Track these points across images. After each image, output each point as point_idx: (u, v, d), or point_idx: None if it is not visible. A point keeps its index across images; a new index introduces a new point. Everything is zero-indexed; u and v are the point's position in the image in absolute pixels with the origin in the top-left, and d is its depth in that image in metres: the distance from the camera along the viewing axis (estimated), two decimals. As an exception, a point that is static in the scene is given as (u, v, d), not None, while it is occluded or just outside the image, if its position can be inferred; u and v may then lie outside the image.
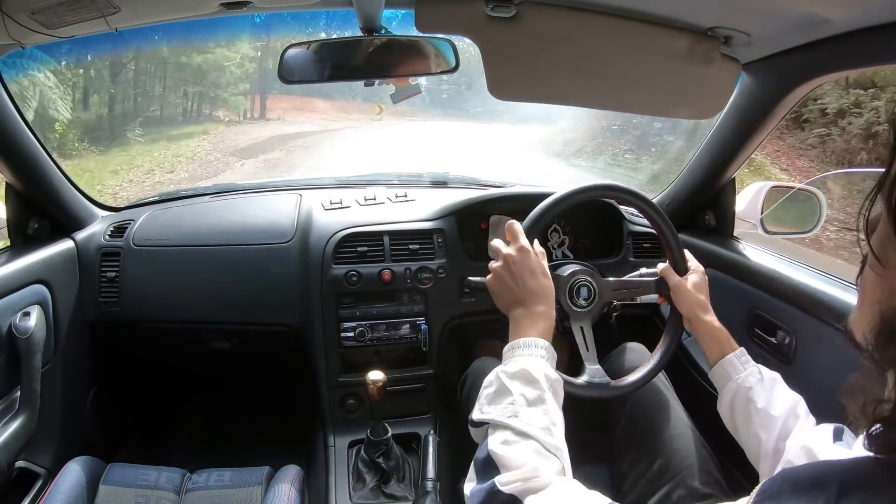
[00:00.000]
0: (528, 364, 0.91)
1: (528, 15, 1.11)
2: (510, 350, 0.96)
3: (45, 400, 1.48)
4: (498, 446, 0.81)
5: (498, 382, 0.91)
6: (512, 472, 0.76)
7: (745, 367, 1.09)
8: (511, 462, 0.78)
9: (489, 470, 0.79)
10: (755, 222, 1.62)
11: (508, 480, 0.75)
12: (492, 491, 0.75)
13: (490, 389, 0.91)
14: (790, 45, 1.17)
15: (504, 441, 0.81)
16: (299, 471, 1.36)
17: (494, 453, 0.80)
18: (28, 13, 1.00)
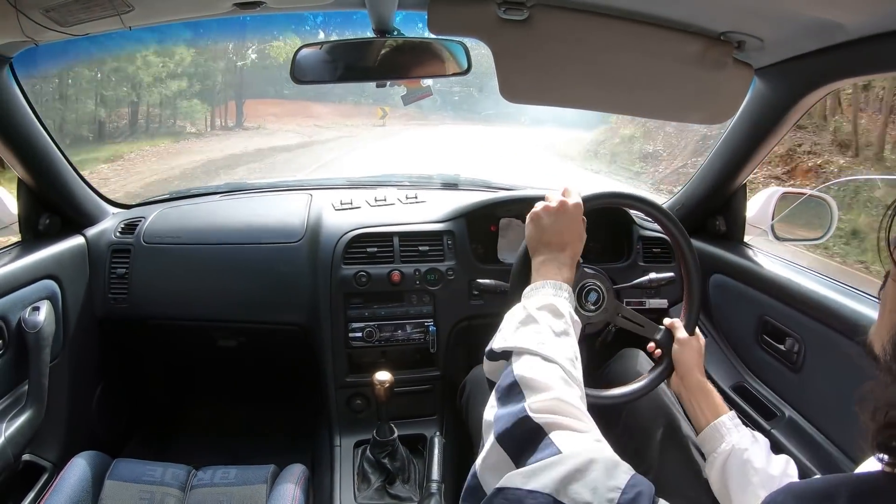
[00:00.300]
0: (554, 300, 0.90)
1: (541, 18, 1.11)
2: (535, 289, 0.95)
3: (53, 394, 1.49)
4: (525, 370, 0.77)
5: (525, 313, 0.89)
6: (541, 394, 0.73)
7: (738, 430, 1.10)
8: (539, 384, 0.75)
9: (514, 395, 0.75)
10: (766, 228, 1.62)
11: (539, 408, 0.70)
12: (521, 416, 0.70)
13: (515, 319, 0.89)
14: (803, 50, 1.16)
15: (531, 366, 0.78)
16: (304, 470, 1.37)
17: (521, 377, 0.76)
18: (42, 10, 1.01)
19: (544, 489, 0.58)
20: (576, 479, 0.58)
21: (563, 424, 0.69)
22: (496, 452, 0.69)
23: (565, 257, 1.00)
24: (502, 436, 0.70)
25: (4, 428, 1.33)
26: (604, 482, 0.57)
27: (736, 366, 1.55)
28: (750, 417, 1.41)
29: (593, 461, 0.60)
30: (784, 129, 1.41)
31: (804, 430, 1.30)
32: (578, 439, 0.67)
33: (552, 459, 0.62)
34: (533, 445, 0.67)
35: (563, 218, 1.03)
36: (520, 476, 0.61)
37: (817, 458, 1.24)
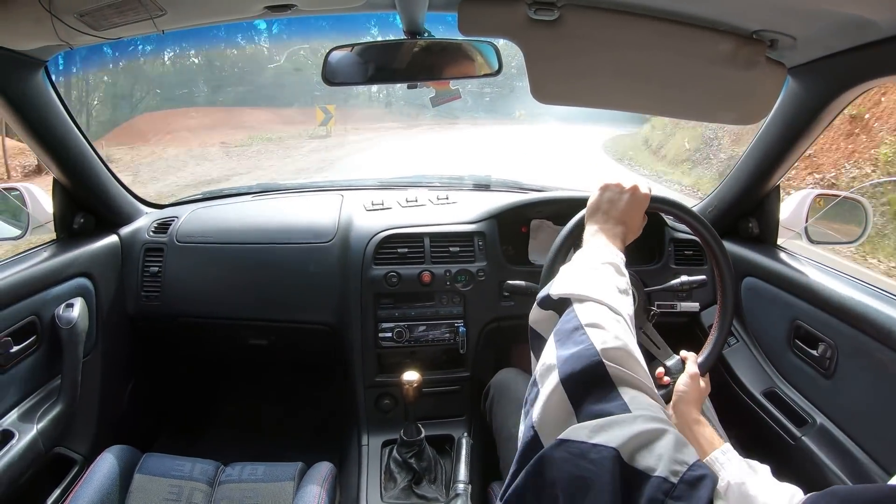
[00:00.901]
0: (617, 260, 0.88)
1: (571, 18, 1.10)
2: (593, 248, 0.93)
3: (85, 389, 1.52)
4: (591, 317, 0.73)
5: (590, 262, 0.87)
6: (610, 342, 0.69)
7: (732, 463, 1.04)
8: (606, 333, 0.70)
9: (578, 337, 0.71)
10: (800, 231, 1.59)
11: (611, 356, 0.66)
12: (592, 360, 0.66)
13: (577, 268, 0.86)
14: (836, 48, 1.14)
15: (597, 314, 0.74)
16: (332, 468, 1.37)
17: (589, 322, 0.72)
18: (76, 15, 1.03)
19: (609, 443, 0.56)
20: (644, 443, 0.56)
21: (633, 382, 0.65)
22: (558, 398, 0.65)
23: (621, 233, 0.98)
24: (568, 378, 0.66)
25: (37, 421, 1.36)
26: (671, 454, 0.55)
27: (767, 371, 1.52)
28: (780, 424, 1.39)
29: (664, 432, 0.58)
30: (818, 130, 1.39)
31: (836, 437, 1.28)
32: (649, 404, 0.63)
33: (621, 417, 0.60)
34: (599, 394, 0.64)
35: (631, 199, 1.02)
36: (586, 430, 0.59)
37: (848, 466, 1.21)
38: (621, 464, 0.55)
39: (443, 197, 1.89)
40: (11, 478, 1.26)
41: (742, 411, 1.50)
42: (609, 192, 1.03)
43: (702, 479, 0.54)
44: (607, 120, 15.91)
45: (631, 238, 1.01)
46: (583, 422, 0.61)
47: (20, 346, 1.35)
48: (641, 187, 1.04)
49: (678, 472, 0.54)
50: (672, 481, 0.53)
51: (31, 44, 1.20)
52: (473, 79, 1.31)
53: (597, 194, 1.04)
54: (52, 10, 1.00)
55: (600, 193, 1.03)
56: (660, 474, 0.53)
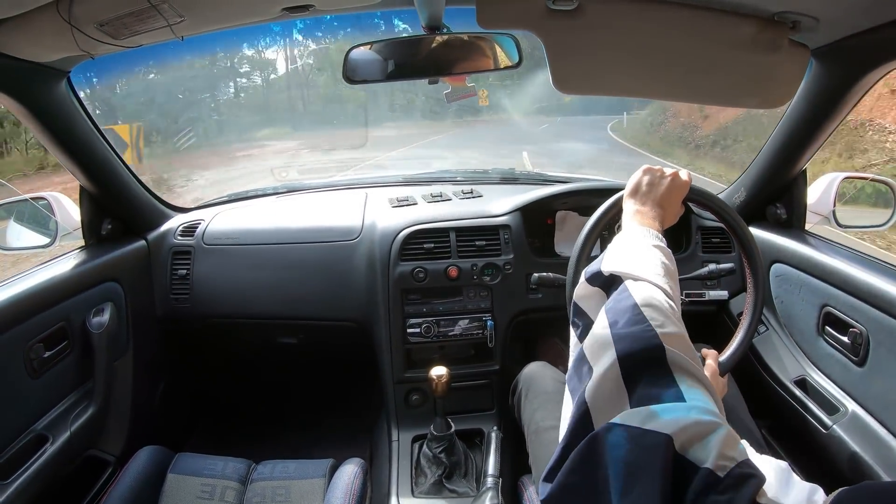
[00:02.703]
0: (662, 244, 0.88)
1: (590, 7, 1.09)
2: (638, 228, 0.92)
3: (117, 391, 1.55)
4: (646, 298, 0.72)
5: (640, 242, 0.85)
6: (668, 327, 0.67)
7: (753, 458, 1.04)
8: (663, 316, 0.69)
9: (636, 316, 0.69)
10: (827, 215, 1.57)
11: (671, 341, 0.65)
12: (652, 342, 0.65)
13: (628, 246, 0.85)
14: (859, 28, 1.12)
15: (652, 296, 0.73)
16: (362, 464, 1.38)
17: (645, 302, 0.71)
18: (96, 25, 1.04)
19: (664, 429, 0.55)
20: (696, 435, 0.56)
21: (690, 370, 0.64)
22: (613, 375, 0.64)
23: (659, 216, 0.98)
24: (626, 357, 0.64)
25: (70, 424, 1.38)
26: (721, 449, 0.54)
27: (797, 358, 1.50)
28: (811, 413, 1.37)
29: (717, 426, 0.57)
30: (844, 111, 1.36)
31: (868, 425, 1.25)
32: (706, 398, 0.62)
33: (676, 405, 0.59)
34: (655, 378, 0.63)
35: (671, 184, 1.03)
36: (639, 416, 0.58)
37: (881, 455, 1.19)
38: (673, 452, 0.54)
39: (468, 191, 1.89)
40: (46, 480, 1.28)
41: (773, 400, 1.48)
42: (650, 175, 1.03)
43: (748, 479, 0.53)
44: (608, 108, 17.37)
45: (668, 223, 1.02)
46: (636, 405, 0.60)
47: (52, 351, 1.37)
48: (682, 174, 1.05)
49: (725, 468, 0.53)
50: (719, 475, 0.52)
51: (53, 55, 1.22)
52: (494, 72, 1.31)
53: (638, 176, 1.04)
54: (72, 21, 1.01)
55: (641, 175, 1.04)
56: (708, 466, 0.53)
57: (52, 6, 0.97)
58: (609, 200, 1.15)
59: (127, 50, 1.21)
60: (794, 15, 1.11)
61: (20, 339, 1.28)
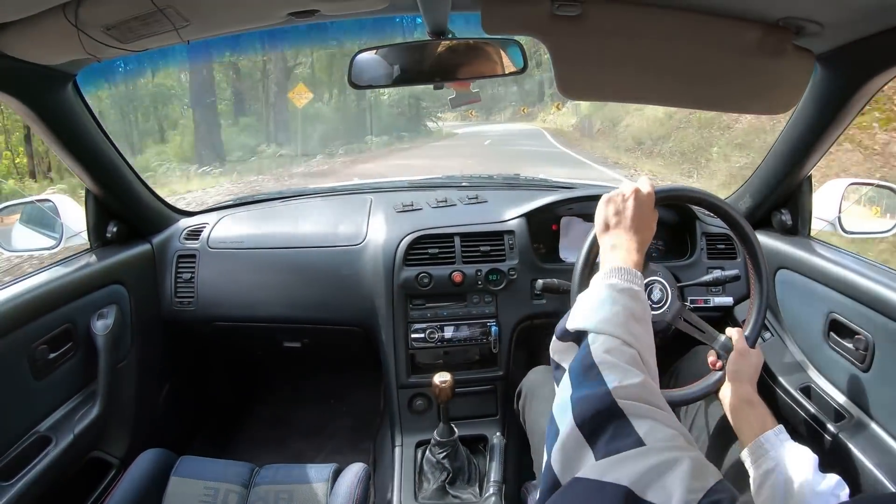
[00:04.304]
0: (631, 285, 0.88)
1: (595, 12, 1.09)
2: (608, 273, 0.91)
3: (121, 394, 1.56)
4: (604, 352, 0.74)
5: (604, 293, 0.86)
6: (624, 378, 0.69)
7: (784, 446, 1.04)
8: (620, 368, 0.71)
9: (593, 376, 0.71)
10: (833, 221, 1.56)
11: (624, 393, 0.67)
12: (604, 400, 0.67)
13: (593, 299, 0.86)
14: (864, 33, 1.11)
15: (608, 349, 0.75)
16: (365, 469, 1.37)
17: (602, 359, 0.73)
18: (102, 29, 1.04)
19: (620, 482, 0.56)
20: (658, 475, 0.56)
21: (648, 415, 0.65)
22: (574, 439, 0.65)
23: (635, 243, 0.97)
24: (582, 420, 0.66)
25: (74, 426, 1.38)
26: (687, 483, 0.55)
27: (803, 366, 1.49)
28: (817, 420, 1.36)
29: (678, 460, 0.58)
30: (849, 117, 1.35)
31: (873, 433, 1.24)
32: (664, 434, 0.64)
33: (634, 452, 0.60)
34: (615, 431, 0.64)
35: (635, 203, 1.01)
36: (599, 468, 0.60)
37: (885, 463, 1.18)
38: (634, 500, 0.55)
39: (472, 196, 1.89)
40: (49, 482, 1.29)
41: (777, 407, 1.47)
42: (613, 205, 1.02)
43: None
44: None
45: (648, 238, 1.01)
46: (600, 459, 0.62)
47: (57, 353, 1.37)
48: (643, 187, 1.04)
49: (692, 501, 0.54)
50: None
51: (60, 58, 1.22)
52: (500, 77, 1.31)
53: (602, 210, 1.04)
54: (79, 24, 1.01)
55: (605, 209, 1.03)
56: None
57: (58, 10, 0.98)
58: (585, 245, 1.16)
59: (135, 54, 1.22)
60: (798, 20, 1.11)
61: (25, 341, 1.29)
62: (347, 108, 18.59)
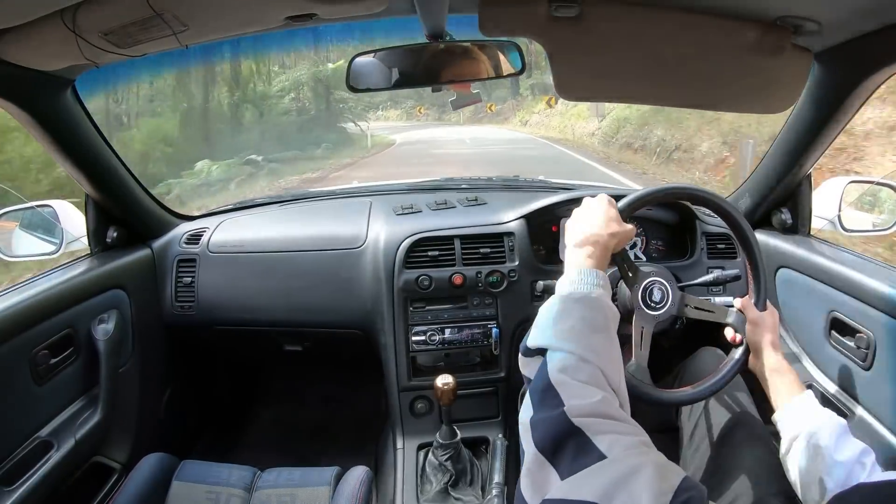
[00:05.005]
0: (586, 290, 0.87)
1: (593, 14, 1.09)
2: (565, 283, 0.91)
3: (123, 398, 1.55)
4: (560, 371, 0.74)
5: (558, 306, 0.85)
6: (579, 397, 0.70)
7: (812, 412, 1.05)
8: (575, 386, 0.72)
9: (550, 398, 0.72)
10: (833, 219, 1.56)
11: (580, 412, 0.67)
12: (561, 421, 0.67)
13: (549, 313, 0.85)
14: (862, 31, 1.11)
15: (564, 367, 0.75)
16: (367, 472, 1.38)
17: (557, 379, 0.73)
18: (100, 34, 1.04)
19: (586, 498, 0.57)
20: (624, 484, 0.57)
21: (607, 429, 0.66)
22: (538, 462, 0.67)
23: (591, 249, 0.96)
24: (542, 443, 0.67)
25: (76, 431, 1.38)
26: (655, 485, 0.56)
27: (805, 364, 1.49)
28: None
29: (642, 465, 0.59)
30: (849, 114, 1.36)
31: (875, 430, 1.25)
32: (624, 443, 0.64)
33: (598, 465, 0.61)
34: (576, 449, 0.64)
35: (585, 213, 1.02)
36: (564, 488, 0.61)
37: (889, 460, 1.19)
38: None
39: (472, 198, 1.89)
40: (51, 487, 1.29)
41: None
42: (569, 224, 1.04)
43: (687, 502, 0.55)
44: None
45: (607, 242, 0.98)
46: (565, 479, 0.62)
47: (57, 358, 1.37)
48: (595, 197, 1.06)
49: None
50: None
51: (58, 63, 1.22)
52: (498, 79, 1.31)
53: (564, 235, 1.04)
54: (77, 30, 1.01)
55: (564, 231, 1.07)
56: None
57: (56, 15, 0.97)
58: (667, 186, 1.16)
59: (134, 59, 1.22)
60: (795, 19, 1.10)
61: (26, 346, 1.29)
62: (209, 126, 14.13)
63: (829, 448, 0.97)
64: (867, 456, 0.96)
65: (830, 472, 0.95)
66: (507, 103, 24.84)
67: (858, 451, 0.96)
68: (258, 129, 15.77)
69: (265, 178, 12.59)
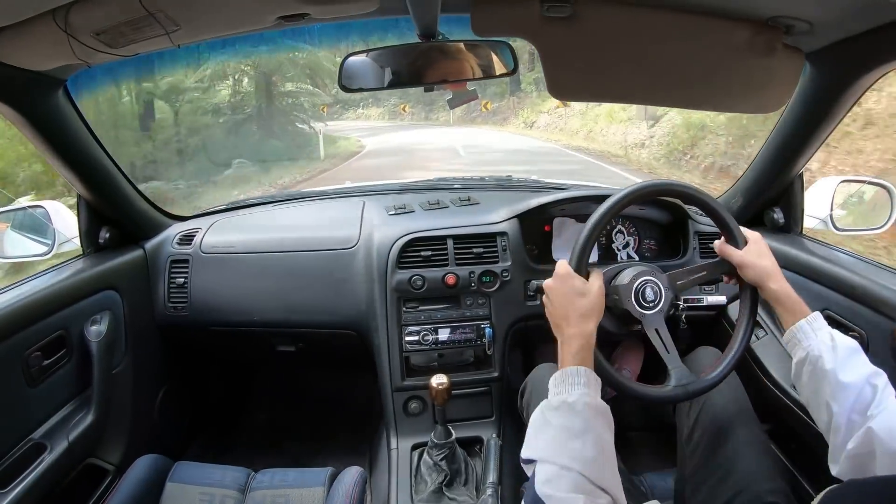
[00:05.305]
0: (568, 395, 0.91)
1: (585, 13, 1.09)
2: (552, 384, 0.96)
3: (116, 400, 1.55)
4: (544, 483, 0.81)
5: (541, 417, 0.91)
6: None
7: (816, 334, 1.03)
8: (558, 499, 0.78)
9: None
10: (825, 219, 1.57)
11: None
12: None
13: (535, 425, 0.92)
14: (854, 31, 1.12)
15: (548, 479, 0.81)
16: (362, 472, 1.38)
17: (542, 491, 0.79)
18: (92, 34, 1.04)
19: None
20: None
21: None
22: None
23: (572, 344, 0.99)
24: None
25: (69, 433, 1.38)
26: None
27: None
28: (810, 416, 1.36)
29: None
30: (840, 114, 1.37)
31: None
32: None
33: None
34: None
35: (551, 303, 1.06)
36: None
37: None
38: None
39: (465, 198, 1.89)
40: (45, 489, 1.28)
41: (773, 403, 1.48)
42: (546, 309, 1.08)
43: None
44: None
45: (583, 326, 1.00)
46: None
47: (50, 359, 1.37)
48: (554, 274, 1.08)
49: None
50: None
51: (50, 64, 1.22)
52: (489, 79, 1.31)
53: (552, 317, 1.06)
54: (69, 30, 1.01)
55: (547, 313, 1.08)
56: None
57: (48, 15, 0.97)
58: (604, 205, 1.14)
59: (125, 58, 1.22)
60: (787, 19, 1.11)
61: (18, 348, 1.28)
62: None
63: (833, 371, 0.96)
64: (878, 377, 0.94)
65: (835, 395, 0.94)
66: (506, 100, 21.69)
67: (867, 372, 0.95)
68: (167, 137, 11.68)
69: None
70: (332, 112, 21.26)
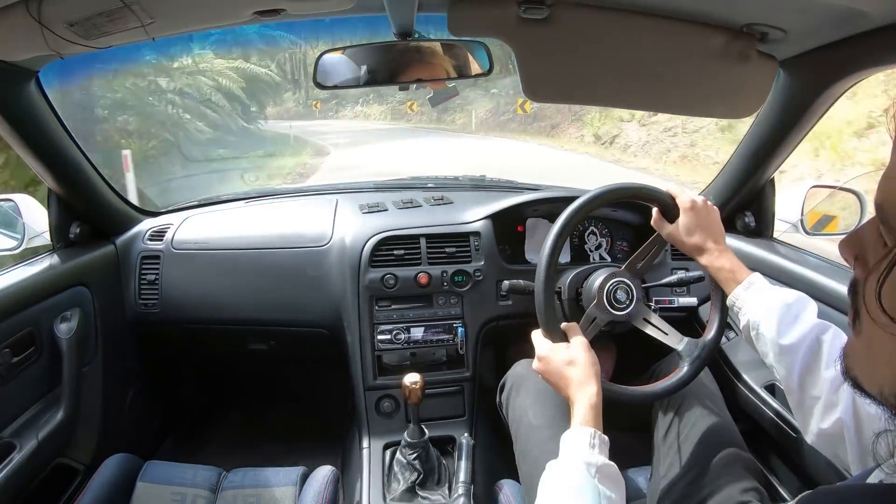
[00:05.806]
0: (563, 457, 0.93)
1: (562, 16, 1.10)
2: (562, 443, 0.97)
3: (86, 398, 1.53)
4: None
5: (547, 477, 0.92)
6: None
7: (752, 299, 1.04)
8: None
9: None
10: (796, 223, 1.59)
11: None
12: None
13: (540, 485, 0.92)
14: (827, 40, 1.14)
15: None
16: (334, 471, 1.37)
17: None
18: (66, 25, 1.02)
19: None
20: None
21: None
22: None
23: (572, 396, 1.02)
24: None
25: (38, 431, 1.35)
26: None
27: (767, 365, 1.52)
28: (781, 417, 1.38)
29: None
30: (811, 121, 1.39)
31: None
32: None
33: None
34: None
35: (548, 377, 1.08)
36: None
37: None
38: None
39: (438, 198, 1.89)
40: (14, 489, 1.26)
41: (744, 405, 1.50)
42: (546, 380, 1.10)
43: None
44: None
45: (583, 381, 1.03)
46: None
47: (19, 357, 1.34)
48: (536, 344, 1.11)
49: None
50: None
51: (21, 54, 1.20)
52: (464, 79, 1.31)
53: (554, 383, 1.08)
54: (42, 20, 0.99)
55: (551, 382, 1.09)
56: None
57: (21, 5, 0.95)
58: (572, 206, 1.16)
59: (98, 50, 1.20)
60: (762, 27, 1.13)
61: None
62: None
63: (771, 333, 0.97)
64: (824, 332, 0.95)
65: (780, 359, 0.96)
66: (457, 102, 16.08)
67: (809, 327, 0.95)
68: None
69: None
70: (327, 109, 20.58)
